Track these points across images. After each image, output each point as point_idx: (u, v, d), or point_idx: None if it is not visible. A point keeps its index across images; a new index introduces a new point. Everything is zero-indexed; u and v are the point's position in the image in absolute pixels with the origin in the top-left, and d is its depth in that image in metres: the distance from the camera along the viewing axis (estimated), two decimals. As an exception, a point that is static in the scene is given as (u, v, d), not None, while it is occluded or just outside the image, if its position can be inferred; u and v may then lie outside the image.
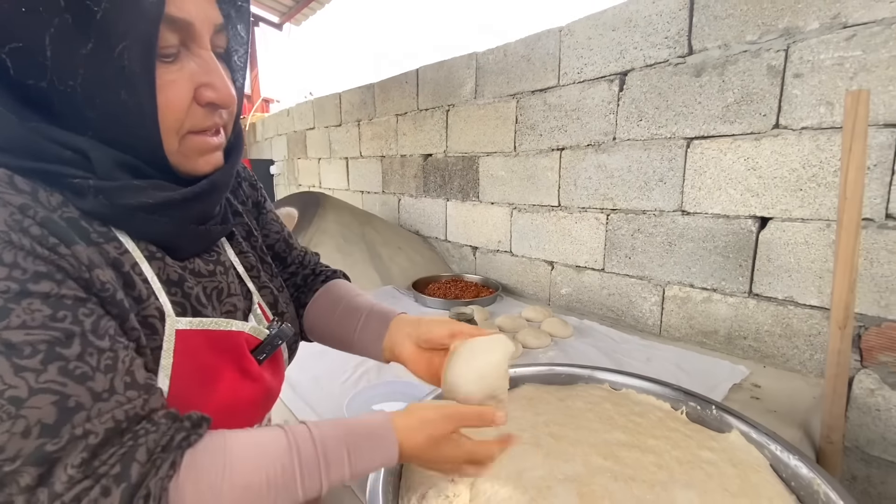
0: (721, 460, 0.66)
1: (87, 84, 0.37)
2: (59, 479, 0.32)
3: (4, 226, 0.34)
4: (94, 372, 0.35)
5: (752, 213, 1.19)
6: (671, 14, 1.26)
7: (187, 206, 0.46)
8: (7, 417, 0.31)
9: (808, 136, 1.07)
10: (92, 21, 0.35)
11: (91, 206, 0.40)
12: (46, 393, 0.33)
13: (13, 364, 0.32)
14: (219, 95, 0.43)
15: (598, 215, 1.53)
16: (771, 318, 1.18)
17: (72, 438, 0.33)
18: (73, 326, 0.36)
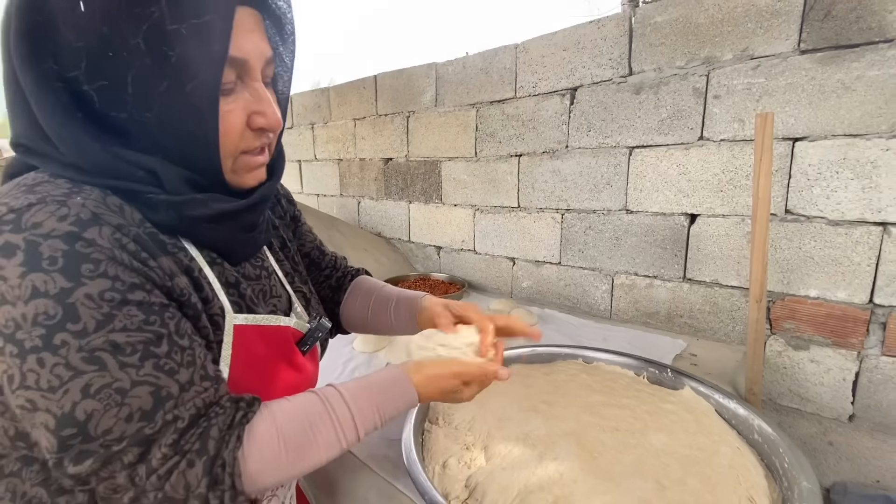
0: (679, 409, 0.82)
1: (161, 116, 0.43)
2: (154, 456, 0.38)
3: (108, 243, 0.39)
4: (178, 367, 0.42)
5: (683, 211, 1.40)
6: (614, 39, 1.46)
7: (240, 216, 0.52)
8: (115, 405, 0.37)
9: (726, 147, 1.29)
10: (167, 64, 0.41)
11: (163, 218, 0.46)
12: (145, 385, 0.39)
13: (118, 361, 0.38)
14: (268, 122, 0.50)
15: (554, 215, 1.70)
16: (701, 298, 1.41)
17: (164, 423, 0.39)
18: (161, 329, 0.41)
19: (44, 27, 0.40)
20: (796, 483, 0.61)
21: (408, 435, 0.76)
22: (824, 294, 1.20)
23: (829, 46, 1.11)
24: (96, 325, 0.38)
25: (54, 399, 0.36)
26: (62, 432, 0.37)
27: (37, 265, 0.36)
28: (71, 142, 0.41)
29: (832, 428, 1.23)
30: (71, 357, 0.37)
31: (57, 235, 0.37)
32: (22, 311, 0.36)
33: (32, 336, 0.36)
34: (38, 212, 0.38)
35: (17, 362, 0.36)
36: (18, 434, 0.44)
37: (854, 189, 1.13)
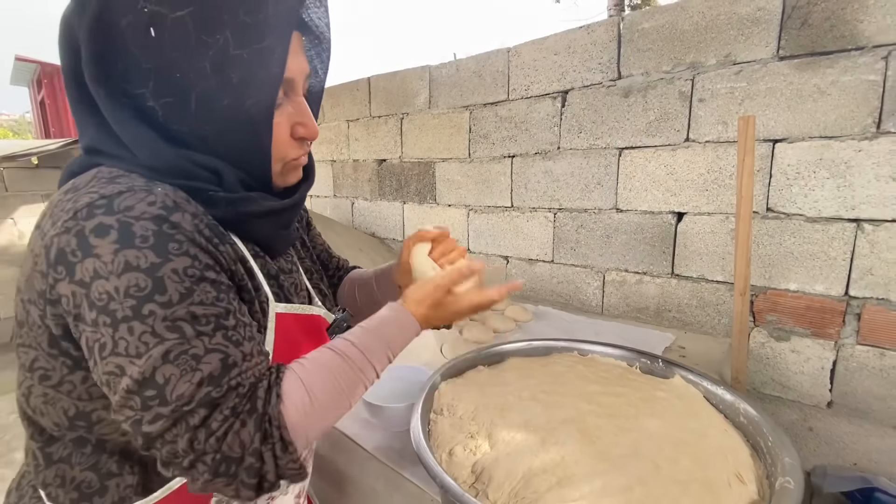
0: (671, 397, 0.87)
1: (220, 129, 0.47)
2: (216, 419, 0.41)
3: (189, 227, 0.43)
4: (242, 339, 0.45)
5: (671, 210, 1.46)
6: (603, 45, 1.51)
7: (283, 214, 0.57)
8: (189, 370, 0.41)
9: (711, 148, 1.36)
10: (229, 85, 0.45)
11: (221, 213, 0.49)
12: (215, 353, 0.42)
13: (196, 330, 0.42)
14: (309, 132, 0.55)
15: (547, 214, 1.75)
16: (688, 293, 1.47)
17: (228, 388, 0.42)
18: (229, 306, 0.45)
19: (114, 49, 0.44)
20: (779, 459, 0.66)
21: (415, 424, 0.79)
22: (803, 287, 1.27)
23: (805, 53, 1.18)
24: (179, 298, 0.41)
25: (139, 364, 0.39)
26: (144, 393, 0.40)
27: (129, 242, 0.40)
28: (146, 146, 0.46)
29: (812, 414, 1.30)
30: (156, 325, 0.40)
31: (147, 217, 0.41)
32: (115, 284, 0.39)
33: (124, 307, 0.39)
34: (128, 197, 0.42)
35: (110, 331, 0.40)
36: (79, 413, 0.47)
37: (830, 188, 1.19)
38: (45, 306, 0.43)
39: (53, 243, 0.41)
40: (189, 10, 0.44)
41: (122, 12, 0.44)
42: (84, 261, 0.40)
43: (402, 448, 0.92)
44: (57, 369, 0.46)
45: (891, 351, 1.17)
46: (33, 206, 3.74)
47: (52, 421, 0.48)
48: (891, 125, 1.10)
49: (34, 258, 0.43)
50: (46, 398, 0.47)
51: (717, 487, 0.65)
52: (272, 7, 0.46)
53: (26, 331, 0.46)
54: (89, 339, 0.41)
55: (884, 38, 1.08)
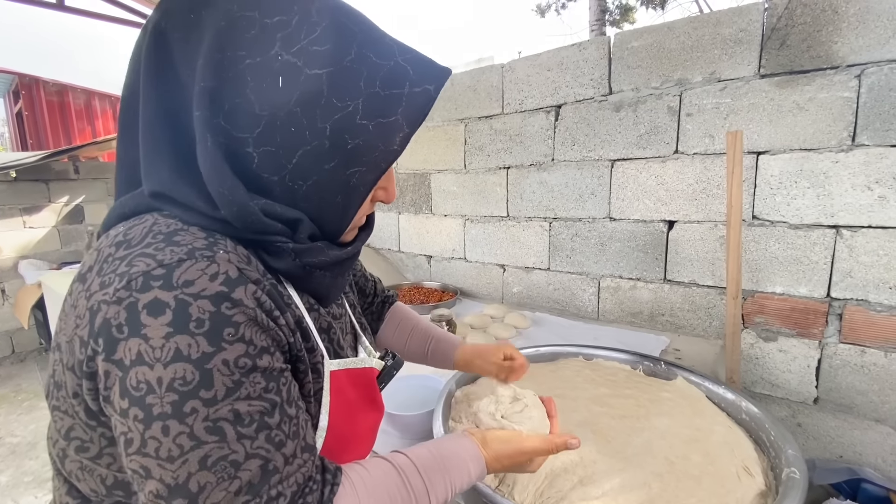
0: (675, 397, 0.92)
1: (314, 187, 0.44)
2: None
3: (251, 303, 0.39)
4: (286, 439, 0.40)
5: (662, 218, 1.53)
6: (594, 61, 1.58)
7: (345, 264, 0.54)
8: (227, 478, 0.36)
9: (699, 160, 1.43)
10: (343, 149, 0.43)
11: (286, 266, 0.46)
12: (256, 458, 0.38)
13: (237, 432, 0.37)
14: (388, 196, 0.54)
15: (542, 223, 1.81)
16: (681, 297, 1.53)
17: (268, 498, 0.38)
18: (276, 397, 0.40)
19: (228, 88, 0.41)
20: (782, 452, 0.71)
21: (438, 430, 0.82)
22: (788, 290, 1.34)
23: (785, 71, 1.26)
24: (225, 393, 0.37)
25: (171, 469, 0.35)
26: (173, 501, 0.36)
27: (184, 327, 0.36)
28: (233, 202, 0.41)
29: (800, 410, 1.37)
30: (196, 426, 0.36)
31: (206, 296, 0.37)
32: (159, 375, 0.35)
33: (163, 402, 0.35)
34: (189, 268, 0.37)
35: (140, 427, 0.35)
36: (117, 483, 0.44)
37: (810, 197, 1.27)
38: (82, 378, 0.39)
39: (101, 310, 0.37)
40: (328, 71, 0.42)
41: (251, 51, 0.41)
42: (129, 339, 0.36)
43: (420, 455, 0.95)
44: (95, 441, 0.42)
45: (870, 348, 1.24)
46: (11, 220, 3.64)
47: (90, 487, 0.45)
48: (865, 138, 1.18)
49: (76, 319, 0.39)
50: (82, 465, 0.44)
51: (728, 480, 0.69)
52: (409, 87, 0.45)
53: (63, 395, 0.42)
54: (117, 427, 0.37)
55: (856, 58, 1.17)
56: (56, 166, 3.78)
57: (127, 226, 0.43)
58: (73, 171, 3.89)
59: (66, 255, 3.82)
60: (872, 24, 1.14)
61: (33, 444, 2.35)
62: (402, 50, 0.46)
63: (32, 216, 3.71)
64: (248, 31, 0.42)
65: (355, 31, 0.44)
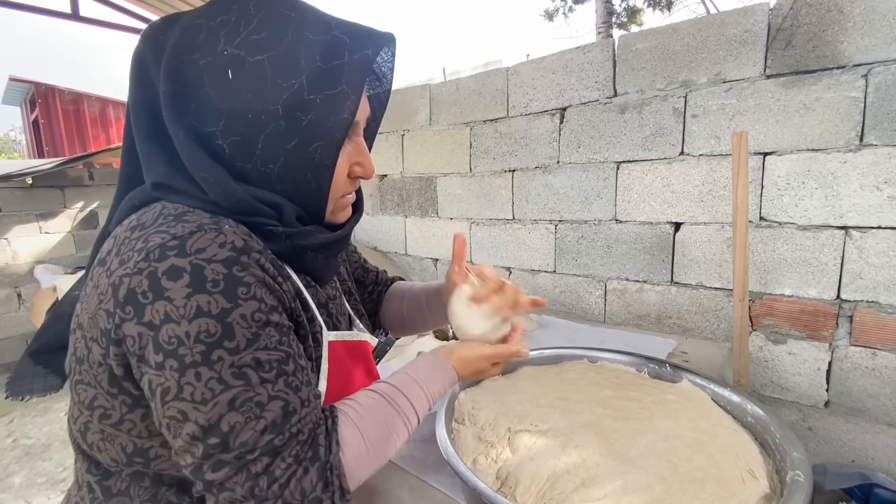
0: (681, 399, 0.92)
1: (283, 168, 0.49)
2: (278, 466, 0.41)
3: (256, 268, 0.44)
4: (301, 385, 0.45)
5: (669, 220, 1.52)
6: (599, 64, 1.58)
7: (335, 246, 0.58)
8: (254, 418, 0.41)
9: (705, 161, 1.42)
10: (299, 126, 0.47)
11: (280, 247, 0.50)
12: (278, 400, 0.42)
13: (260, 377, 0.42)
14: (365, 171, 0.56)
15: (548, 226, 1.81)
16: (688, 300, 1.52)
17: (290, 435, 0.42)
18: (289, 349, 0.45)
19: (189, 89, 0.46)
20: (787, 455, 0.71)
21: (441, 433, 0.82)
22: (797, 292, 1.33)
23: (791, 72, 1.26)
24: (246, 343, 0.41)
25: (204, 410, 0.39)
26: (208, 440, 0.39)
27: (202, 287, 0.40)
28: (216, 185, 0.46)
29: (810, 414, 1.35)
30: (223, 372, 0.40)
31: (218, 260, 0.41)
32: (186, 329, 0.39)
33: (193, 352, 0.39)
34: (200, 238, 0.42)
35: (176, 376, 0.39)
36: (137, 450, 0.47)
37: (818, 197, 1.26)
38: (109, 345, 0.43)
39: (123, 283, 0.41)
40: (269, 55, 0.45)
41: (202, 53, 0.46)
42: (155, 303, 0.40)
43: (424, 457, 0.95)
44: (116, 408, 0.46)
45: (882, 351, 1.22)
46: (28, 225, 3.73)
47: (110, 457, 0.48)
48: (872, 138, 1.17)
49: (99, 296, 0.43)
50: (104, 435, 0.47)
51: (732, 483, 0.69)
52: (349, 56, 0.48)
53: (86, 368, 0.46)
54: (152, 381, 0.41)
55: (863, 58, 1.16)
56: (71, 173, 3.87)
57: (138, 213, 0.48)
58: (87, 178, 3.98)
59: (81, 259, 3.90)
60: (878, 24, 1.13)
61: (47, 446, 2.40)
62: (338, 24, 0.49)
63: (48, 222, 3.79)
64: (197, 36, 0.47)
65: (290, 15, 0.48)
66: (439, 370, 0.62)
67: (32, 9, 3.66)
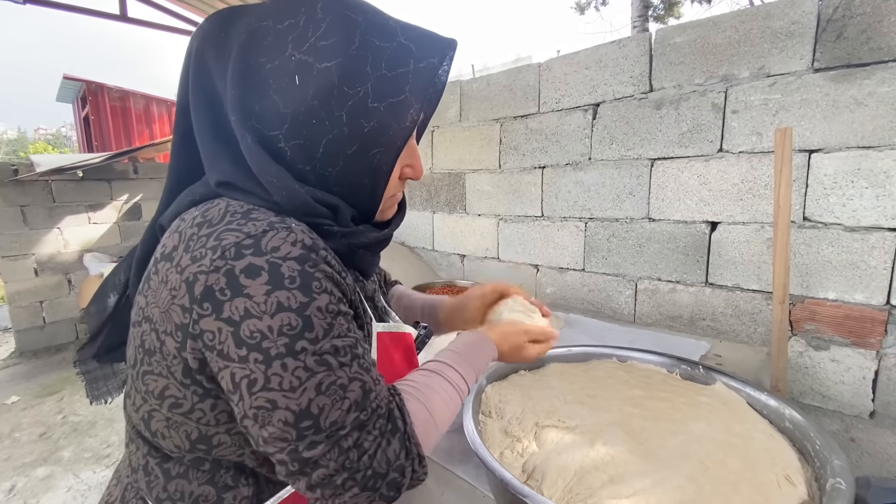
0: (714, 402, 0.89)
1: (342, 172, 0.50)
2: (366, 439, 0.44)
3: (324, 263, 0.46)
4: (370, 366, 0.48)
5: (704, 219, 1.48)
6: (635, 59, 1.55)
7: (382, 244, 0.60)
8: (339, 399, 0.43)
9: (745, 159, 1.37)
10: (361, 133, 0.48)
11: (336, 245, 0.51)
12: (356, 381, 0.45)
13: (339, 361, 0.44)
14: (416, 174, 0.59)
15: (578, 223, 1.78)
16: (723, 302, 1.48)
17: (371, 411, 0.45)
18: (356, 335, 0.48)
19: (254, 92, 0.47)
20: (828, 462, 0.68)
21: (469, 425, 0.83)
22: (842, 296, 1.27)
23: (841, 65, 1.20)
24: (324, 333, 0.44)
25: (294, 397, 0.42)
26: (300, 424, 0.42)
27: (280, 284, 0.42)
28: (282, 187, 0.48)
29: (854, 424, 1.29)
30: (308, 360, 0.42)
31: (293, 258, 0.43)
32: (269, 324, 0.41)
33: (278, 344, 0.41)
34: (273, 237, 0.43)
35: (262, 367, 0.41)
36: (201, 437, 0.49)
37: (869, 197, 1.20)
38: (185, 339, 0.44)
39: (199, 280, 0.42)
40: (336, 62, 0.46)
41: (269, 56, 0.47)
42: (234, 300, 0.41)
43: (451, 447, 0.96)
44: (188, 398, 0.47)
45: (935, 361, 1.16)
46: (78, 216, 3.94)
47: (174, 444, 0.50)
48: (931, 135, 1.10)
49: (171, 291, 0.44)
50: (170, 423, 0.49)
51: (767, 488, 0.67)
52: (414, 64, 0.49)
53: (157, 359, 0.47)
54: (236, 374, 0.42)
55: (922, 50, 1.09)
56: (117, 166, 4.07)
57: (201, 209, 0.49)
58: (132, 171, 4.17)
59: (125, 249, 4.10)
60: (942, 13, 1.06)
61: (93, 424, 2.54)
62: (404, 29, 0.50)
63: (96, 213, 4.00)
64: (264, 39, 0.47)
65: (358, 20, 0.48)
66: (482, 344, 0.66)
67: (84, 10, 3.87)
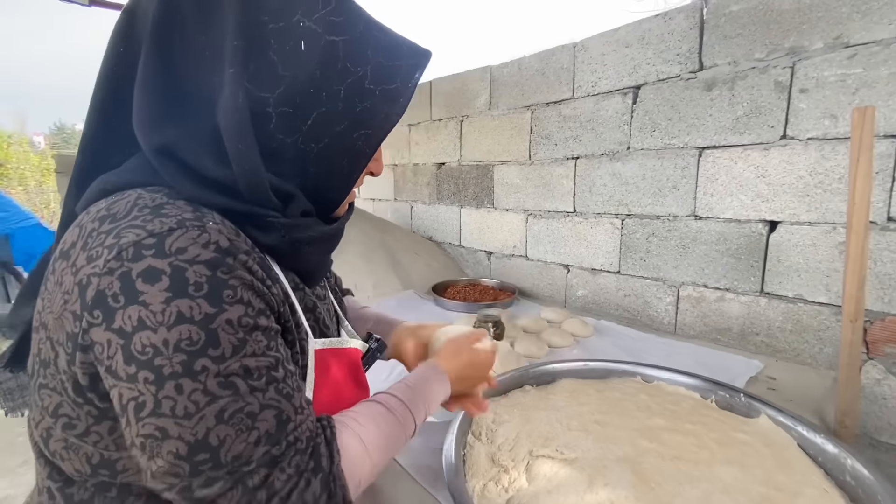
0: (754, 441, 0.73)
1: (325, 148, 0.48)
2: (278, 478, 0.39)
3: (243, 269, 0.40)
4: (292, 391, 0.42)
5: (762, 218, 1.27)
6: (682, 33, 1.35)
7: (332, 241, 0.56)
8: (245, 429, 0.38)
9: (814, 147, 1.15)
10: (353, 112, 0.47)
11: (274, 241, 0.46)
12: (270, 409, 0.39)
13: (249, 385, 0.39)
14: (378, 169, 0.58)
15: (613, 220, 1.61)
16: (782, 315, 1.26)
17: (287, 445, 0.40)
18: (278, 354, 0.42)
19: (252, 48, 0.43)
20: (903, 541, 0.51)
21: (448, 447, 0.73)
22: (938, 315, 1.03)
23: (946, 28, 0.96)
24: (232, 351, 0.38)
25: (189, 426, 0.36)
26: (195, 458, 0.36)
27: (183, 291, 0.36)
28: (247, 157, 0.43)
29: (947, 473, 1.05)
30: (209, 382, 0.37)
31: (201, 261, 0.38)
32: (164, 337, 0.36)
33: (173, 362, 0.36)
34: (180, 237, 0.38)
35: (153, 389, 0.36)
36: (103, 462, 0.44)
37: (979, 193, 0.96)
38: (75, 351, 0.39)
39: (91, 283, 0.37)
40: (343, 39, 0.46)
41: (273, 17, 0.44)
42: (127, 308, 0.36)
43: (439, 468, 0.86)
44: (82, 418, 0.42)
45: None
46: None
47: (74, 467, 0.44)
48: None
49: (63, 294, 0.39)
50: (67, 444, 0.43)
51: (813, 567, 0.52)
52: (404, 60, 0.50)
53: (52, 372, 0.42)
54: (123, 395, 0.37)
55: None
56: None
57: (109, 201, 0.43)
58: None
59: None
60: None
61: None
62: (394, 31, 0.52)
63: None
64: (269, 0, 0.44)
65: (361, 10, 0.49)
66: (437, 381, 0.61)
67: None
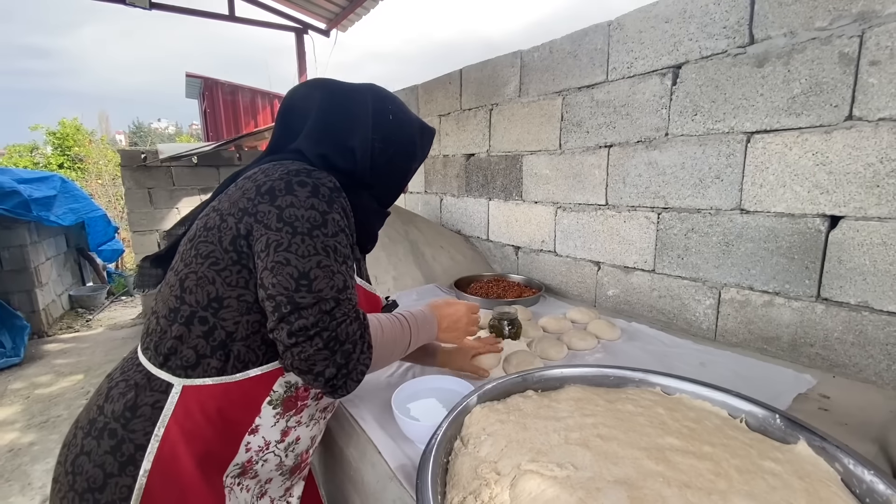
0: (786, 472, 0.62)
1: (398, 172, 0.86)
2: (338, 310, 0.64)
3: (343, 200, 0.71)
4: (353, 276, 0.70)
5: (820, 212, 1.11)
6: (730, 3, 1.20)
7: (382, 218, 0.89)
8: (329, 276, 0.64)
9: (887, 128, 0.98)
10: (412, 156, 0.88)
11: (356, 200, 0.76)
12: (342, 275, 0.66)
13: (336, 256, 0.66)
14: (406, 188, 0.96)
15: (649, 214, 1.48)
16: (842, 324, 1.10)
17: (345, 299, 0.66)
18: (350, 255, 0.70)
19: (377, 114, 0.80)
20: None
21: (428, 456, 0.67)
22: None
23: None
24: (332, 234, 0.66)
25: (302, 261, 0.63)
26: (301, 281, 0.62)
27: (317, 194, 0.67)
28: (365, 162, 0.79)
29: None
30: (317, 243, 0.65)
31: (328, 186, 0.69)
32: (302, 213, 0.65)
33: (304, 226, 0.64)
34: (320, 174, 0.70)
35: (288, 236, 0.64)
36: (217, 298, 0.66)
37: None
38: (243, 216, 0.66)
39: (266, 184, 0.67)
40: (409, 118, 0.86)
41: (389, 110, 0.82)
42: (286, 195, 0.66)
43: (427, 474, 0.81)
44: (224, 260, 0.67)
45: None
46: (192, 198, 4.43)
47: (195, 298, 0.67)
48: None
49: (243, 192, 0.68)
50: (199, 280, 0.67)
51: None
52: (427, 132, 0.91)
53: (214, 232, 0.68)
54: (270, 238, 0.64)
55: None
56: (225, 154, 4.49)
57: (272, 162, 0.74)
58: (237, 159, 4.58)
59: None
60: None
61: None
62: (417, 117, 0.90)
63: (207, 195, 4.47)
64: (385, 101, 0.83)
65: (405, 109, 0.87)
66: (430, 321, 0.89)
67: (199, 12, 4.29)
